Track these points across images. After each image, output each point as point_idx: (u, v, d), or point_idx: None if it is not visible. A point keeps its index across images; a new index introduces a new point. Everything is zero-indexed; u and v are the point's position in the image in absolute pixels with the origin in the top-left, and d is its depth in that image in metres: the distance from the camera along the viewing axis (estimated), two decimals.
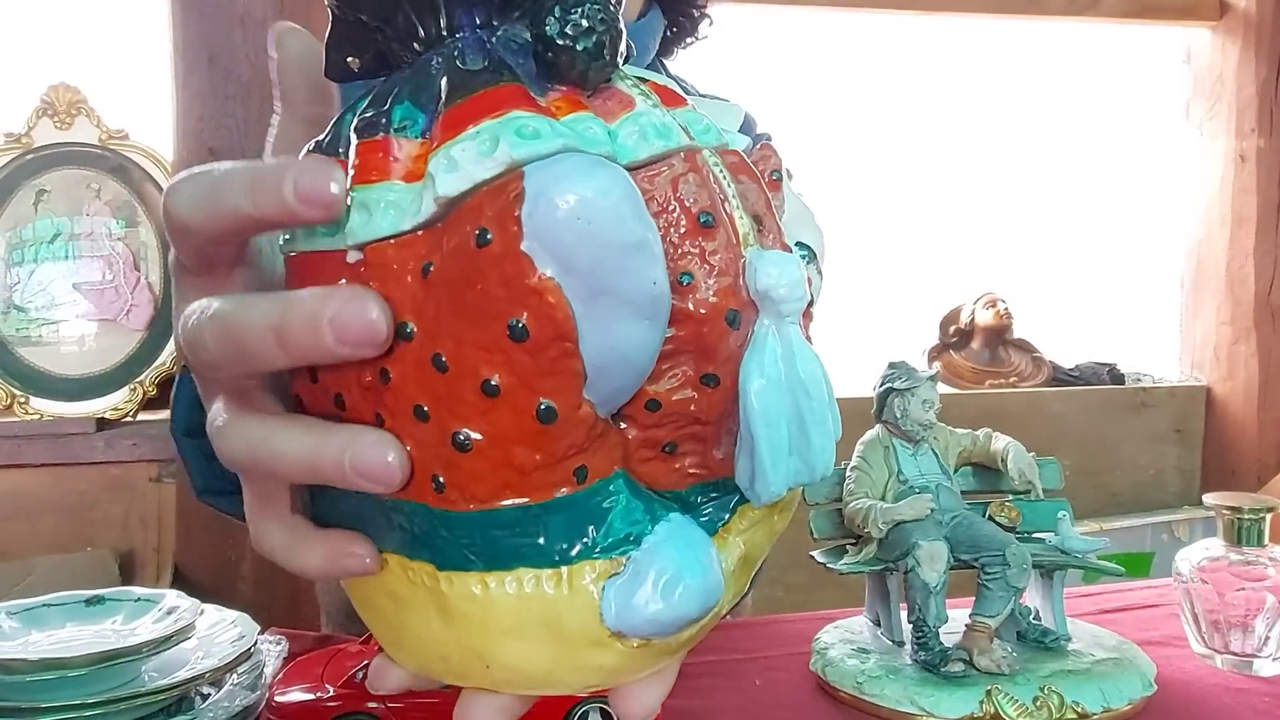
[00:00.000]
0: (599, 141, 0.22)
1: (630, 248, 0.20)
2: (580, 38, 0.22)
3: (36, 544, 1.47)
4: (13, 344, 1.60)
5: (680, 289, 0.22)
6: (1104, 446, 2.04)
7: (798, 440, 0.24)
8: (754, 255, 0.23)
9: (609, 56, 0.23)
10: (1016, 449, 0.68)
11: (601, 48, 0.22)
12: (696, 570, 0.23)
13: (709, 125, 0.25)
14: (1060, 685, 0.56)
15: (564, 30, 0.22)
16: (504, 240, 0.20)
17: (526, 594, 0.23)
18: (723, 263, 0.23)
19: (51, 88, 1.66)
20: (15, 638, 0.53)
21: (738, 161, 0.25)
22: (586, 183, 0.20)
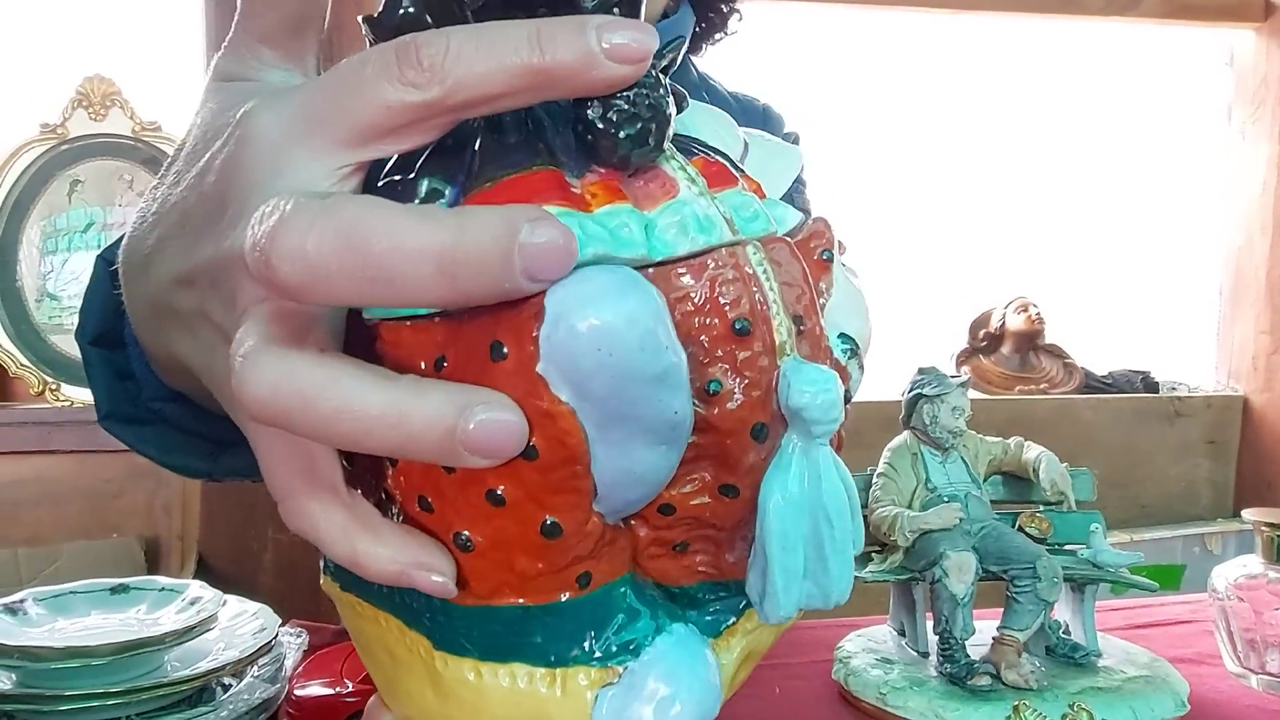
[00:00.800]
0: (633, 244, 0.20)
1: (653, 379, 0.19)
2: (624, 124, 0.21)
3: (64, 530, 1.50)
4: (45, 331, 1.63)
5: (707, 398, 0.21)
6: (1135, 456, 2.00)
7: (814, 565, 0.23)
8: (790, 368, 0.22)
9: (653, 144, 0.21)
10: (1049, 459, 0.67)
11: (646, 135, 0.21)
12: (694, 688, 0.22)
13: (757, 212, 0.23)
14: (1090, 702, 0.54)
15: (606, 115, 0.21)
16: (519, 358, 0.19)
17: (519, 689, 0.22)
18: (755, 373, 0.21)
19: (86, 79, 1.69)
20: (42, 624, 0.53)
21: (785, 252, 0.23)
22: (611, 309, 0.19)
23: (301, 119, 0.20)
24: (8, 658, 0.48)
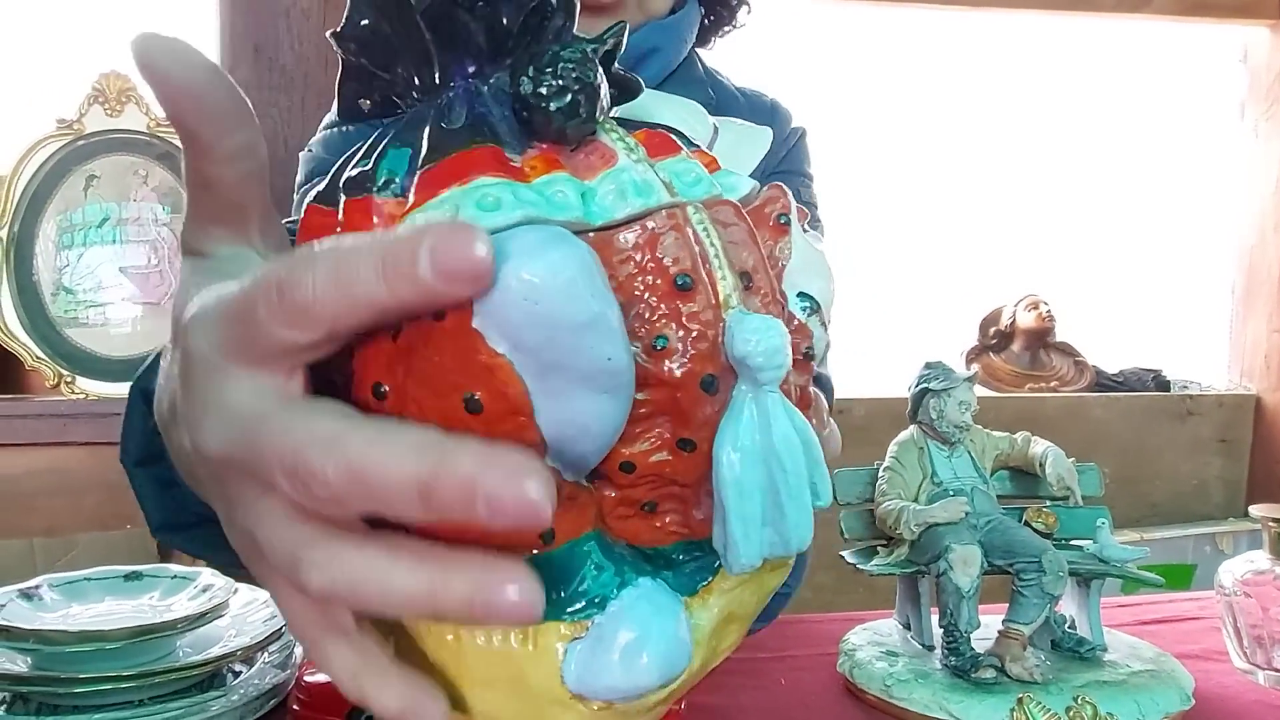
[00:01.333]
0: (568, 206, 0.22)
1: (581, 326, 0.20)
2: (553, 97, 0.22)
3: (79, 520, 1.51)
4: (61, 325, 1.64)
5: (655, 353, 0.22)
6: (1145, 455, 2.00)
7: (771, 512, 0.23)
8: (734, 319, 0.22)
9: (585, 115, 0.22)
10: (1056, 454, 0.67)
11: (576, 106, 0.22)
12: (660, 639, 0.23)
13: (699, 176, 0.24)
14: (1094, 696, 0.54)
15: (537, 90, 0.22)
16: (456, 316, 0.20)
17: (494, 648, 0.23)
18: (700, 326, 0.22)
19: (103, 76, 1.70)
20: (56, 609, 0.54)
21: (730, 213, 0.24)
22: (536, 262, 0.20)
23: (227, 342, 0.22)
24: (23, 641, 0.49)
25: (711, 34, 0.82)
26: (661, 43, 0.72)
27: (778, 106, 0.81)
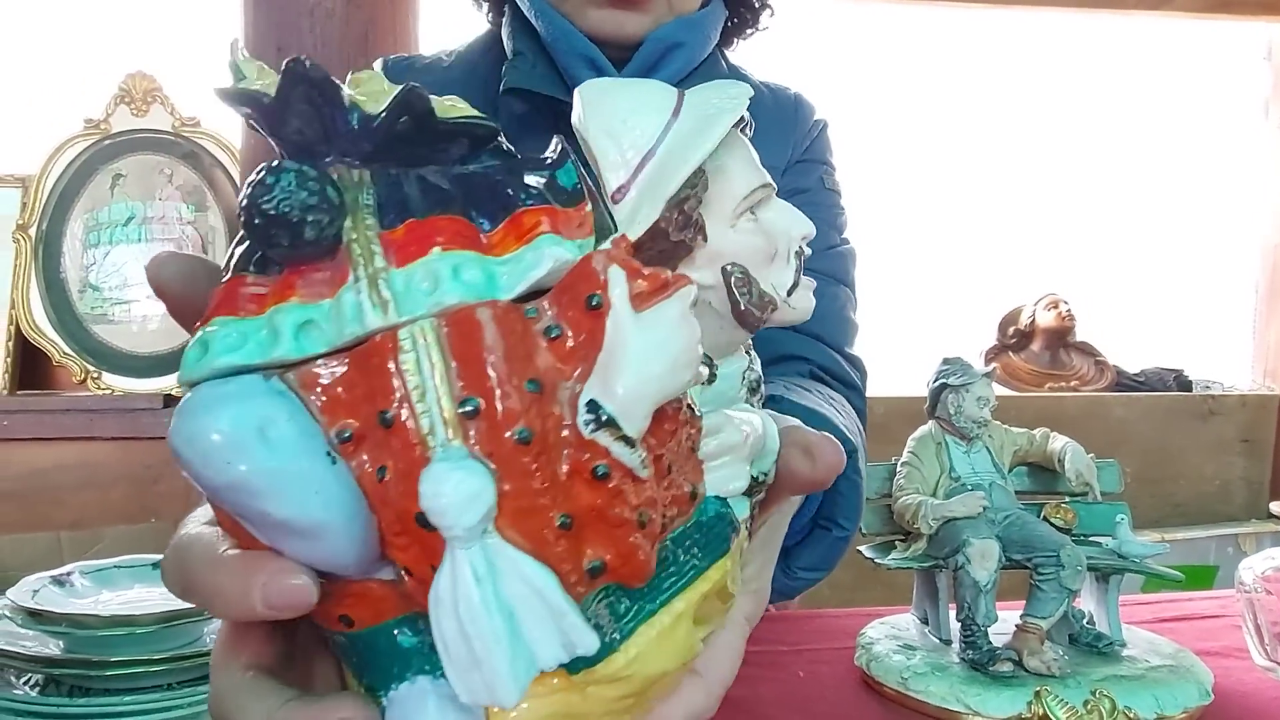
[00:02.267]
0: (276, 343, 0.22)
1: (227, 488, 0.20)
2: (252, 229, 0.21)
3: (105, 514, 1.54)
4: (88, 321, 1.67)
5: (377, 484, 0.21)
6: (1167, 455, 1.98)
7: (468, 663, 0.22)
8: (428, 466, 0.21)
9: (288, 243, 0.21)
10: (1075, 449, 0.67)
11: (269, 236, 0.21)
12: None
13: (447, 280, 0.22)
14: (1112, 690, 0.54)
15: (247, 222, 0.21)
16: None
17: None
18: (405, 464, 0.21)
19: (129, 76, 1.73)
20: (87, 595, 0.56)
21: (471, 324, 0.22)
22: (187, 425, 0.21)
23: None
24: (56, 625, 0.50)
25: (735, 36, 0.83)
26: (686, 38, 0.73)
27: (801, 99, 0.82)
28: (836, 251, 0.78)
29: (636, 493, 0.22)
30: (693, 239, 0.29)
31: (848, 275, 0.78)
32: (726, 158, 0.30)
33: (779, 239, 0.30)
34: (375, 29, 1.42)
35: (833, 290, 0.76)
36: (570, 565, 0.22)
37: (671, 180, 0.28)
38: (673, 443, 0.24)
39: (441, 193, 0.23)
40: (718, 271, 0.29)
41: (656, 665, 0.25)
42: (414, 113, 0.23)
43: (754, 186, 0.30)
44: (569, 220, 0.24)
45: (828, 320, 0.75)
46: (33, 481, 1.54)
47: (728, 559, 0.27)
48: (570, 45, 0.71)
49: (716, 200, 0.29)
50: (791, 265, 0.31)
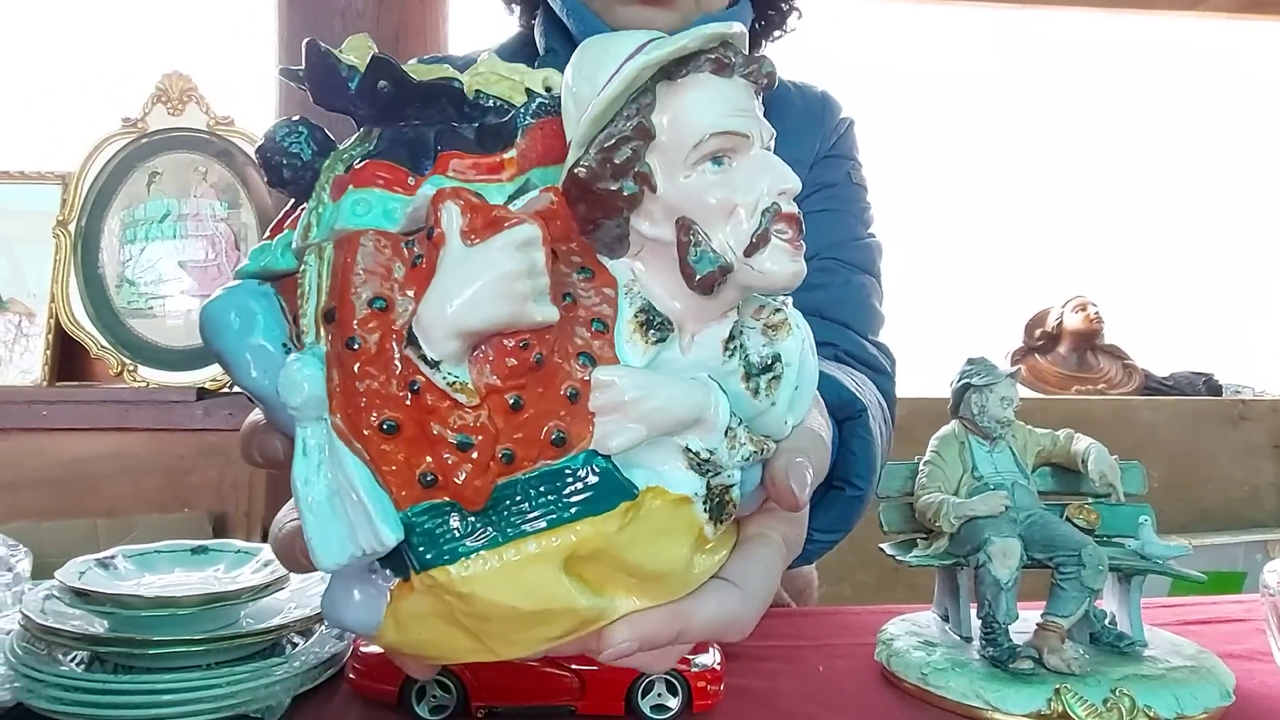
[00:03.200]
0: (263, 260, 0.31)
1: (214, 355, 0.30)
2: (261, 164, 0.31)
3: (140, 503, 1.57)
4: (124, 315, 1.70)
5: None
6: (1196, 459, 1.96)
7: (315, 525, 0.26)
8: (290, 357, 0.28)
9: (271, 179, 0.30)
10: (1098, 450, 0.67)
11: (265, 174, 0.31)
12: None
13: (338, 211, 0.29)
14: (1133, 689, 0.55)
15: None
16: None
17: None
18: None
19: (165, 76, 1.76)
20: (130, 578, 0.57)
21: (341, 248, 0.27)
22: (202, 308, 0.30)
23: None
24: (102, 605, 0.52)
25: (762, 39, 0.83)
26: None
27: (828, 97, 0.83)
28: (863, 244, 0.79)
29: (456, 416, 0.25)
30: (630, 189, 0.27)
31: (873, 266, 0.79)
32: (683, 104, 0.27)
33: (740, 192, 0.27)
34: (406, 30, 1.44)
35: (859, 280, 0.77)
36: (399, 469, 0.25)
37: (582, 127, 0.28)
38: (524, 380, 0.26)
39: (407, 144, 0.29)
40: (674, 225, 0.28)
41: (498, 594, 0.26)
42: (389, 77, 0.29)
43: (707, 133, 0.27)
44: (480, 165, 0.28)
45: (854, 308, 0.76)
46: (71, 470, 1.58)
47: (608, 520, 0.26)
48: None
49: (670, 149, 0.27)
50: (752, 222, 0.28)
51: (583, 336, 0.27)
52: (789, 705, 0.58)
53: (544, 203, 0.28)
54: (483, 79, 0.31)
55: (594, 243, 0.28)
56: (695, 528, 0.28)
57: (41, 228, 1.72)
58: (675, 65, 0.28)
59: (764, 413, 0.29)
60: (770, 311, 0.30)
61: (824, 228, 0.76)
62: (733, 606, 0.29)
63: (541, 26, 0.77)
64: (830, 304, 0.74)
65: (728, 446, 0.28)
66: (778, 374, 0.29)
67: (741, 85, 0.29)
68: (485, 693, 0.52)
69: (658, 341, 0.28)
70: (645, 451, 0.27)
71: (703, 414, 0.28)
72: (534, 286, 0.26)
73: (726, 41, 0.28)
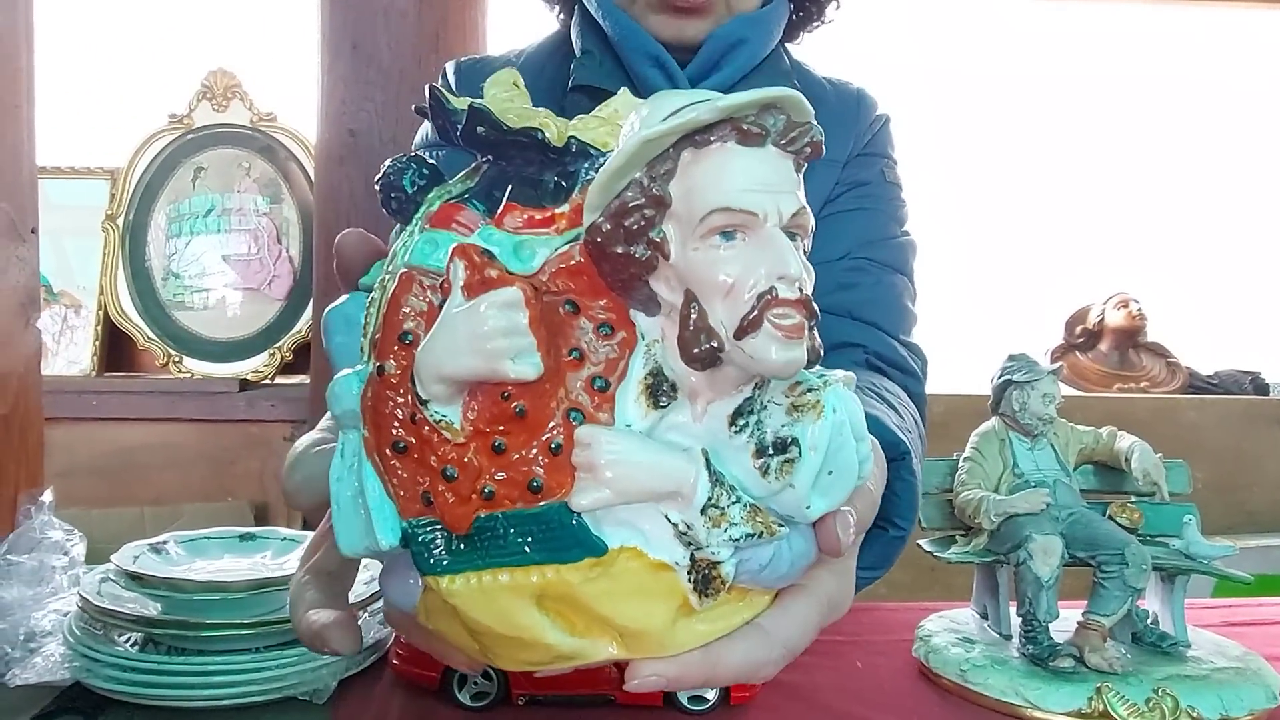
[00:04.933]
0: (374, 274, 0.35)
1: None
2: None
3: (185, 491, 1.61)
4: (169, 308, 1.75)
5: None
6: (1243, 460, 1.92)
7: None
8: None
9: (385, 207, 0.33)
10: (1142, 448, 0.66)
11: (384, 202, 0.34)
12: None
13: (408, 253, 0.31)
14: (1176, 689, 0.54)
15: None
16: None
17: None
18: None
19: (211, 73, 1.80)
20: (181, 563, 0.59)
21: (399, 287, 0.30)
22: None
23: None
24: (156, 589, 0.54)
25: (800, 29, 0.83)
26: (749, 35, 0.74)
27: (863, 94, 0.82)
28: (896, 243, 0.78)
29: (443, 449, 0.28)
30: (643, 254, 0.27)
31: (906, 265, 0.79)
32: (697, 175, 0.27)
33: (740, 272, 0.27)
34: (446, 28, 1.46)
35: (890, 279, 0.77)
36: (404, 484, 0.28)
37: (592, 194, 0.28)
38: (506, 427, 0.27)
39: (501, 185, 0.31)
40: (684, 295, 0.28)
41: (477, 613, 0.29)
42: (485, 123, 0.31)
43: (710, 209, 0.27)
44: (533, 219, 0.30)
45: (885, 308, 0.76)
46: (119, 459, 1.62)
47: (572, 571, 0.27)
48: (637, 44, 0.72)
49: (683, 219, 0.27)
50: (745, 304, 0.27)
51: (579, 393, 0.28)
52: (826, 700, 0.58)
53: (572, 259, 0.29)
54: (581, 124, 0.32)
55: (628, 299, 0.29)
56: (678, 594, 0.28)
57: (90, 222, 1.76)
58: (702, 132, 0.27)
59: (778, 494, 0.28)
60: (802, 391, 0.29)
61: (856, 226, 0.75)
62: (760, 654, 0.30)
63: (578, 28, 0.77)
64: (861, 304, 0.74)
65: (708, 524, 0.28)
66: (791, 457, 0.28)
67: (773, 156, 0.28)
68: (526, 681, 0.53)
69: (658, 407, 0.28)
70: (633, 511, 0.28)
71: (678, 488, 0.28)
72: (511, 345, 0.27)
73: (770, 106, 0.27)
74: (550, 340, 0.27)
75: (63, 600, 0.61)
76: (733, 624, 0.30)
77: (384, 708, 0.54)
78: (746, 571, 0.29)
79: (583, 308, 0.28)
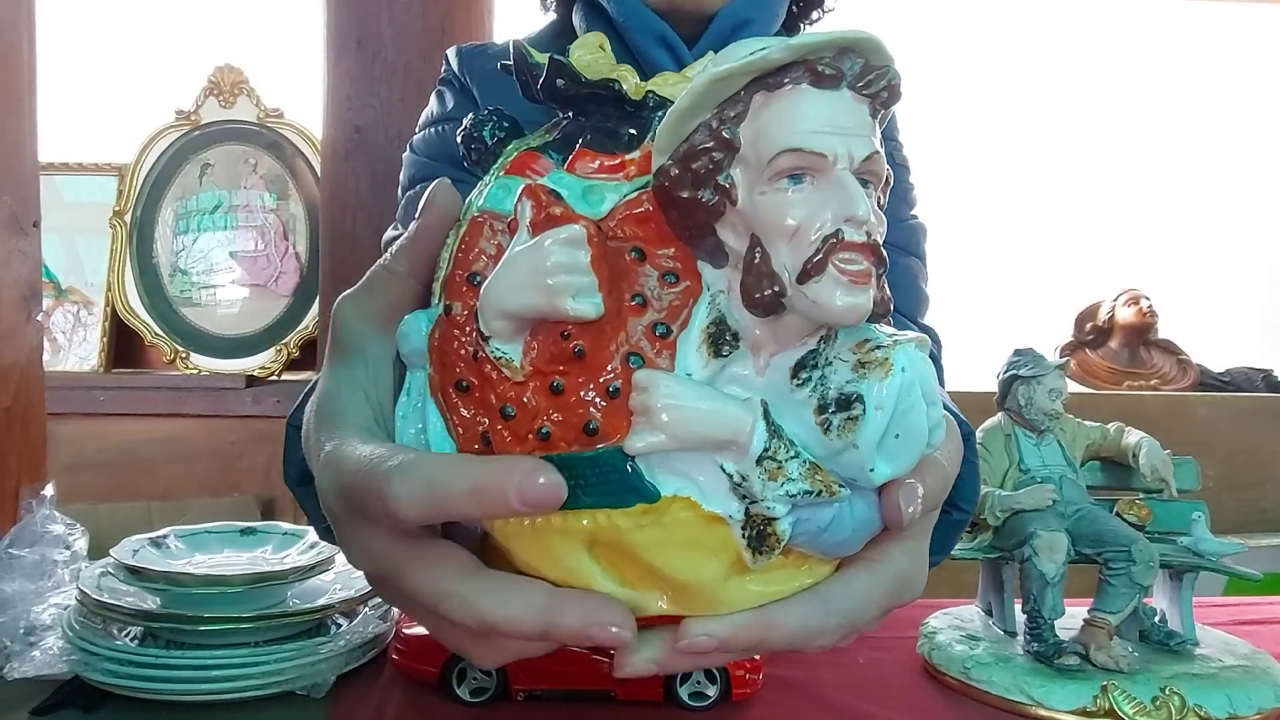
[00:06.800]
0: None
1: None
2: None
3: (192, 486, 1.61)
4: (177, 304, 1.75)
5: None
6: (1255, 458, 1.90)
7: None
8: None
9: (466, 160, 0.33)
10: (1151, 444, 0.65)
11: (466, 154, 0.34)
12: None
13: (482, 196, 0.31)
14: (1183, 687, 0.53)
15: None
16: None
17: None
18: None
19: (217, 69, 1.80)
20: (181, 557, 0.59)
21: (470, 229, 0.30)
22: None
23: (350, 512, 0.29)
24: (154, 582, 0.54)
25: (801, 20, 0.82)
26: (754, 15, 0.74)
27: None
28: (907, 225, 0.78)
29: (503, 388, 0.28)
30: (710, 199, 0.27)
31: (919, 248, 0.78)
32: (767, 117, 0.27)
33: (806, 215, 0.26)
34: (451, 20, 1.46)
35: (905, 262, 0.76)
36: (465, 423, 0.28)
37: (660, 137, 0.28)
38: (565, 368, 0.27)
39: (563, 134, 0.32)
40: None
41: (528, 555, 0.29)
42: (564, 76, 0.31)
43: (778, 150, 0.26)
44: (605, 164, 0.30)
45: (901, 291, 0.75)
46: (126, 454, 1.63)
47: (621, 516, 0.27)
48: (641, 23, 0.72)
49: (751, 162, 0.27)
50: (810, 247, 0.26)
51: (640, 337, 0.27)
52: (829, 696, 0.57)
53: (641, 205, 0.28)
54: (662, 79, 0.33)
55: (696, 250, 0.28)
56: (731, 550, 0.28)
57: (99, 219, 1.77)
58: (775, 74, 0.27)
59: (840, 453, 0.27)
60: (871, 348, 0.28)
61: None
62: (817, 621, 0.29)
63: (580, 11, 0.77)
64: None
65: (764, 477, 0.27)
66: (855, 415, 0.27)
67: (847, 99, 0.27)
68: (525, 676, 0.53)
69: (719, 356, 0.28)
70: (688, 461, 0.27)
71: (734, 437, 0.27)
72: (571, 283, 0.26)
73: (847, 48, 0.27)
74: (613, 283, 0.27)
75: (63, 594, 0.61)
76: (789, 589, 0.29)
77: (383, 703, 0.54)
78: (804, 533, 0.28)
79: (649, 254, 0.28)
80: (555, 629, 0.26)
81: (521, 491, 0.25)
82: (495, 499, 0.25)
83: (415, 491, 0.26)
